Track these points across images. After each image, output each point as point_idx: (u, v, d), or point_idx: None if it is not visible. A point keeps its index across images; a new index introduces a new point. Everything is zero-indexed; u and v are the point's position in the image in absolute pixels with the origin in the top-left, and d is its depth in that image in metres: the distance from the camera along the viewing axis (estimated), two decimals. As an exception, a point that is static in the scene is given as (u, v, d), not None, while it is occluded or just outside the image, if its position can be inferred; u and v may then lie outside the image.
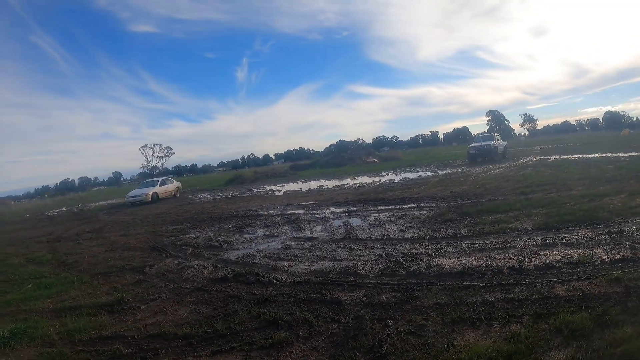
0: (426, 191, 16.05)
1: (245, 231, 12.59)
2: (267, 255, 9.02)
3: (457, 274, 6.03)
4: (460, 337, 4.15)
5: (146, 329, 5.79)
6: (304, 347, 4.53)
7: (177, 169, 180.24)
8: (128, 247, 12.65)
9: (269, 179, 45.23)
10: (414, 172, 27.91)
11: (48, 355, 5.38)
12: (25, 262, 12.46)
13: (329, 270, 7.25)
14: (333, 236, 10.09)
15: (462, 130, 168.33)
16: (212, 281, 7.68)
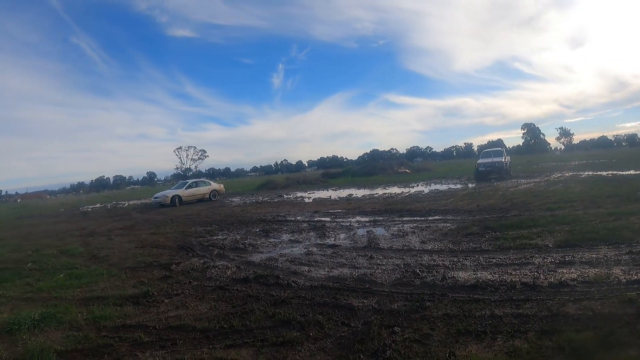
0: (453, 204, 16.04)
1: (271, 235, 12.83)
2: (289, 259, 9.24)
3: (470, 287, 6.10)
4: (463, 348, 4.25)
5: (167, 321, 6.10)
6: (312, 347, 4.74)
7: (211, 172, 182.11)
8: (157, 245, 13.04)
9: (299, 185, 45.40)
10: (444, 184, 27.73)
11: (74, 338, 5.73)
12: (58, 254, 12.99)
13: (347, 277, 7.42)
14: (355, 244, 10.22)
15: (496, 142, 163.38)
16: (234, 281, 7.94)
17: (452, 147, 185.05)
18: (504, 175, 28.86)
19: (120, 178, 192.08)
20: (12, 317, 6.79)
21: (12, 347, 5.65)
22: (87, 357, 5.19)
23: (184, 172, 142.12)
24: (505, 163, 29.64)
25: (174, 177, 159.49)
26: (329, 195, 27.36)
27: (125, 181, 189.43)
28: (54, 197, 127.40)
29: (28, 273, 10.45)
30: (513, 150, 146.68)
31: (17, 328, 6.26)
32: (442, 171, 44.66)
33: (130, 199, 52.68)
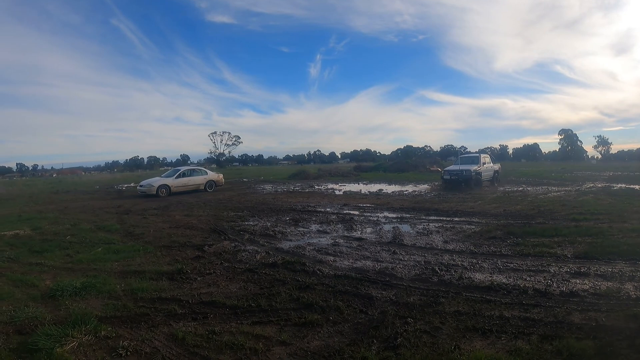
0: (480, 206, 16.10)
1: (300, 225, 13.23)
2: (316, 249, 9.62)
3: (484, 288, 6.36)
4: (468, 343, 4.55)
5: (199, 297, 6.58)
6: (331, 329, 5.14)
7: (244, 157, 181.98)
8: (190, 226, 13.57)
9: (331, 177, 45.30)
10: None
11: (113, 306, 6.26)
12: (95, 229, 13.66)
13: (369, 269, 7.77)
14: (380, 239, 10.53)
15: (532, 147, 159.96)
16: (263, 265, 8.36)
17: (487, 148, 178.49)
18: (472, 185, 26.17)
19: (154, 159, 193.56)
20: (54, 284, 7.37)
21: (55, 311, 6.17)
22: (125, 324, 5.66)
23: (218, 156, 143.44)
24: (474, 172, 26.62)
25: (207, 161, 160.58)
26: (360, 189, 27.46)
27: (159, 162, 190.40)
28: (89, 174, 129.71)
29: (67, 245, 11.06)
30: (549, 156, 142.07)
31: (59, 294, 6.82)
32: None
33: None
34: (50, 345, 4.89)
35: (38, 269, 8.81)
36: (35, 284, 7.65)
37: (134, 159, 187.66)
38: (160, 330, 5.44)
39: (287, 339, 4.97)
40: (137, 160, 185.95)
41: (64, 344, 4.96)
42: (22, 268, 8.96)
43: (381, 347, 4.52)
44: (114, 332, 5.37)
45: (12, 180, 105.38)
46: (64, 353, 4.74)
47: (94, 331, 5.32)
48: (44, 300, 6.80)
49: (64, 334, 5.16)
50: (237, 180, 45.99)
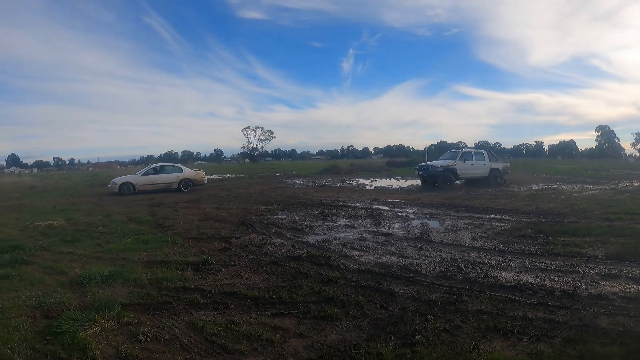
0: (512, 204, 15.84)
1: (328, 219, 13.26)
2: (342, 243, 9.62)
3: (509, 287, 6.23)
4: (488, 343, 4.46)
5: (222, 287, 6.67)
6: (350, 324, 5.13)
7: (277, 152, 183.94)
8: (219, 219, 13.76)
9: (363, 172, 45.44)
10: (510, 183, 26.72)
11: (138, 294, 6.40)
12: (127, 220, 14.00)
13: (394, 264, 7.72)
14: (408, 235, 10.47)
15: (568, 143, 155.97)
16: (287, 258, 8.41)
17: (522, 144, 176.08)
18: (440, 182, 24.89)
19: (188, 153, 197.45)
20: (83, 272, 7.59)
21: (81, 297, 6.35)
22: (148, 311, 5.77)
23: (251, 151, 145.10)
24: (442, 168, 25.28)
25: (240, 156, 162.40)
26: (391, 185, 27.38)
27: (193, 156, 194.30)
28: (124, 168, 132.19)
29: (99, 235, 11.37)
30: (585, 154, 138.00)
31: (87, 282, 7.02)
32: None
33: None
34: (73, 329, 5.03)
35: (68, 258, 9.07)
36: (65, 271, 7.87)
37: (169, 153, 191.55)
38: (181, 318, 5.53)
39: (304, 331, 4.98)
40: (171, 154, 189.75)
41: (87, 328, 5.09)
42: (53, 256, 9.23)
43: (398, 343, 4.48)
44: (136, 318, 5.49)
45: (49, 173, 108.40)
46: (86, 337, 4.87)
47: (116, 317, 5.46)
48: (71, 286, 6.99)
49: (88, 318, 5.31)
50: (270, 174, 46.50)
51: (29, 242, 10.62)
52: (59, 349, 4.66)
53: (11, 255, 9.15)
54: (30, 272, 7.86)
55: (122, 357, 4.49)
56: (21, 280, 7.37)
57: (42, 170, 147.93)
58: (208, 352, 4.57)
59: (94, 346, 4.67)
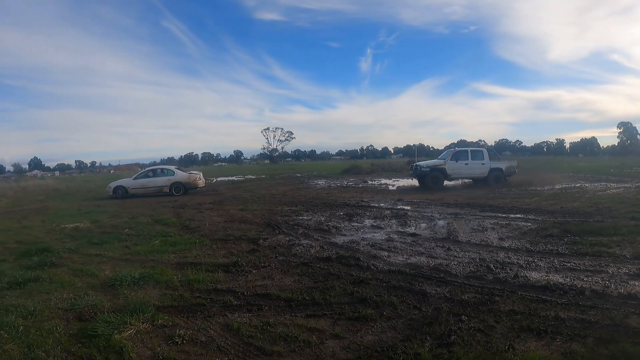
0: (537, 203, 15.73)
1: (354, 220, 13.33)
2: (370, 243, 9.68)
3: (540, 287, 6.25)
4: (522, 343, 4.50)
5: (254, 289, 6.77)
6: (384, 324, 5.20)
7: (297, 153, 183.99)
8: (245, 220, 13.89)
9: (384, 172, 45.35)
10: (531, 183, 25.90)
11: (171, 296, 6.53)
12: (152, 222, 14.23)
13: (423, 265, 7.77)
14: (435, 235, 10.50)
15: (590, 140, 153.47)
16: (317, 259, 8.48)
17: (543, 142, 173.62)
18: (427, 182, 24.76)
19: (208, 155, 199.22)
20: (113, 274, 7.75)
21: (114, 300, 6.49)
22: (182, 313, 5.89)
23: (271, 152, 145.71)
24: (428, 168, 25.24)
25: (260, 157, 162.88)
26: (413, 184, 27.14)
27: (213, 158, 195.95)
28: None
29: (126, 237, 11.58)
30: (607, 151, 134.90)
31: (118, 284, 7.16)
32: (530, 168, 42.78)
33: (217, 176, 54.61)
34: (108, 331, 5.15)
35: (97, 260, 9.26)
36: (95, 273, 8.05)
37: (189, 155, 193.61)
38: (216, 320, 5.63)
39: (340, 332, 5.05)
40: (191, 156, 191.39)
41: (122, 330, 5.21)
42: (82, 259, 9.44)
43: (434, 344, 4.54)
44: (170, 320, 5.60)
45: (71, 176, 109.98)
46: (121, 339, 4.98)
47: (151, 319, 5.58)
48: (103, 289, 7.15)
49: (123, 321, 5.42)
50: (291, 175, 46.58)
51: (57, 245, 10.90)
52: (94, 352, 4.77)
53: (40, 257, 9.38)
54: (60, 275, 8.04)
55: (159, 360, 4.61)
56: (52, 282, 7.55)
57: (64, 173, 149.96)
58: (245, 354, 4.65)
59: (130, 349, 4.78)
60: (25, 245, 11.07)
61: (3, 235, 13.14)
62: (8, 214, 20.90)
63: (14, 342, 5.06)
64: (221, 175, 57.45)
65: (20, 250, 10.54)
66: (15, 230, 14.37)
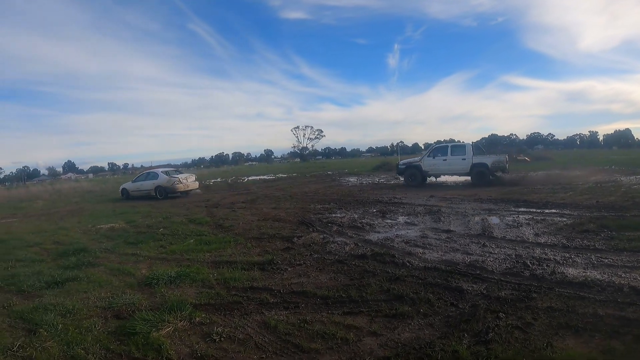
0: (572, 198, 15.48)
1: (387, 217, 13.36)
2: (405, 240, 9.69)
3: (577, 284, 6.18)
4: (561, 340, 4.48)
5: (290, 287, 6.88)
6: (421, 321, 5.24)
7: (327, 151, 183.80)
8: (279, 218, 14.01)
9: (416, 168, 44.92)
10: (564, 176, 25.62)
11: (207, 294, 6.68)
12: (186, 221, 14.51)
13: (459, 261, 7.78)
14: (469, 231, 10.46)
15: (624, 132, 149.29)
16: (352, 256, 8.54)
17: (576, 135, 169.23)
18: (407, 179, 25.32)
19: (238, 154, 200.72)
20: (150, 273, 7.99)
21: (151, 298, 6.69)
22: (219, 311, 6.05)
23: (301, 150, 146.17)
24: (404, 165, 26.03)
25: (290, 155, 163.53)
26: (445, 180, 27.00)
27: (244, 158, 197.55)
28: None
29: (161, 237, 11.88)
30: None
31: (155, 282, 7.37)
32: (563, 161, 41.58)
33: (249, 175, 55.05)
34: (147, 329, 5.32)
35: (134, 259, 9.54)
36: (132, 272, 8.30)
37: (219, 155, 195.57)
38: (253, 318, 5.75)
39: (377, 329, 5.11)
40: (222, 156, 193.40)
41: (160, 328, 5.38)
42: (118, 258, 9.74)
43: (472, 341, 4.57)
44: (208, 318, 5.75)
45: (104, 178, 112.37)
46: (159, 337, 5.14)
47: (188, 317, 5.74)
48: (140, 288, 7.37)
49: (160, 319, 5.60)
50: (322, 173, 46.50)
51: (93, 245, 11.28)
52: (133, 349, 4.93)
53: (77, 257, 9.73)
54: (98, 274, 8.33)
55: (198, 357, 4.73)
56: (89, 281, 7.83)
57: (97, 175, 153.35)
58: (283, 352, 4.75)
59: (169, 346, 4.93)
60: (63, 246, 11.49)
61: (41, 237, 13.59)
62: (44, 216, 21.59)
63: (54, 339, 5.28)
64: (252, 174, 57.73)
65: (58, 250, 10.94)
66: (52, 231, 14.83)
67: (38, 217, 21.03)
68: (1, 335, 5.62)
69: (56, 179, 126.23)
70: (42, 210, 25.45)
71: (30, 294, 7.48)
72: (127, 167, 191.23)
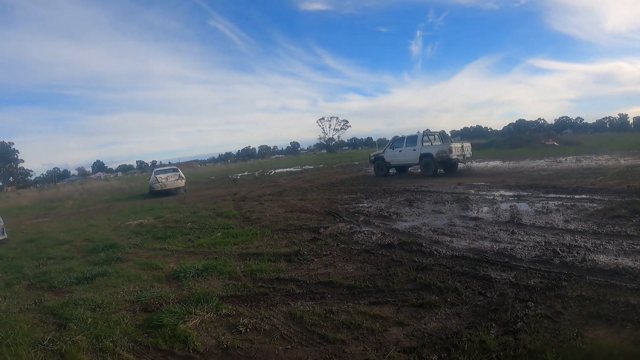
0: (602, 183, 15.12)
1: (414, 205, 13.27)
2: (432, 229, 9.62)
3: (608, 272, 6.04)
4: (591, 330, 4.38)
5: (317, 277, 6.90)
6: (449, 311, 5.21)
7: (353, 141, 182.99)
8: (305, 210, 14.08)
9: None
10: (593, 160, 25.19)
11: (234, 286, 6.75)
12: (214, 215, 14.69)
13: (487, 249, 7.68)
14: (497, 218, 10.32)
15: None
16: (379, 246, 8.53)
17: (605, 118, 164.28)
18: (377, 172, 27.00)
19: (265, 148, 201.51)
20: (178, 267, 8.09)
21: (179, 291, 6.80)
22: (245, 303, 6.11)
23: (327, 141, 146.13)
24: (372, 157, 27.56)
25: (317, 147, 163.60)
26: (472, 167, 26.85)
27: (270, 151, 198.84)
28: (204, 166, 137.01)
29: (188, 231, 12.04)
30: None
31: (182, 276, 7.48)
32: (592, 146, 40.67)
33: (276, 168, 55.48)
34: (174, 321, 5.40)
35: (162, 254, 9.67)
36: (160, 266, 8.43)
37: (246, 149, 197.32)
38: (279, 309, 5.79)
39: (404, 319, 5.09)
40: (249, 150, 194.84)
41: (186, 320, 5.45)
42: (147, 253, 9.91)
43: (500, 331, 4.52)
44: (234, 310, 5.81)
45: (133, 176, 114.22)
46: (186, 329, 5.22)
47: (215, 309, 5.80)
48: (167, 281, 7.49)
49: (187, 311, 5.69)
50: (348, 163, 46.68)
51: (122, 241, 11.47)
52: (160, 341, 5.03)
53: (107, 253, 9.94)
54: (126, 269, 8.49)
55: (224, 348, 4.78)
56: (118, 276, 7.97)
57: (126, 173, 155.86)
58: (309, 342, 4.78)
59: (195, 338, 5.01)
60: (93, 243, 11.73)
61: (71, 235, 13.94)
62: (75, 214, 22.20)
63: (83, 333, 5.42)
64: (279, 167, 58.19)
65: (88, 247, 11.20)
66: (82, 229, 15.20)
67: (68, 216, 21.59)
68: (32, 330, 5.79)
69: (86, 179, 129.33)
70: (73, 209, 26.14)
71: (61, 290, 7.69)
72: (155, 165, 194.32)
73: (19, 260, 10.45)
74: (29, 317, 6.38)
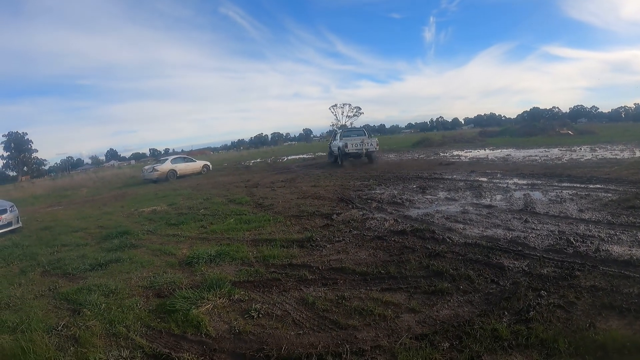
0: (617, 172, 14.87)
1: (427, 192, 13.25)
2: (445, 216, 9.61)
3: (622, 262, 5.99)
4: (604, 321, 4.37)
5: (329, 263, 6.93)
6: (461, 298, 5.22)
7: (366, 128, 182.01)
8: (318, 196, 14.12)
9: (456, 143, 44.55)
10: (608, 150, 24.78)
11: (246, 272, 6.82)
12: (226, 202, 14.82)
13: (500, 237, 7.66)
14: (511, 207, 10.27)
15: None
16: (391, 233, 8.54)
17: (621, 107, 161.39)
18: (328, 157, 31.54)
19: (277, 135, 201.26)
20: (191, 252, 8.18)
21: (192, 276, 6.90)
22: (258, 288, 6.18)
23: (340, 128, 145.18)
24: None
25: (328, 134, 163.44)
26: (486, 155, 26.76)
27: (283, 138, 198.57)
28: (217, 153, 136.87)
29: (201, 217, 12.16)
30: None
31: (195, 261, 7.58)
32: (607, 135, 40.16)
33: (288, 154, 55.75)
34: (186, 307, 5.49)
35: (175, 240, 9.78)
36: (173, 252, 8.54)
37: (259, 136, 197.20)
38: (291, 294, 5.86)
39: (416, 306, 5.13)
40: (261, 137, 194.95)
41: (199, 305, 5.54)
42: (160, 239, 10.02)
43: (512, 319, 4.53)
44: (246, 295, 5.89)
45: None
46: (199, 314, 5.30)
47: (227, 294, 5.89)
48: (181, 267, 7.60)
49: (200, 296, 5.78)
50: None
51: (136, 227, 11.66)
52: (173, 326, 5.12)
53: (120, 240, 10.10)
54: (140, 255, 8.63)
55: (236, 333, 4.85)
56: (132, 262, 8.12)
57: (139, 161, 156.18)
58: (320, 328, 4.83)
59: (207, 323, 5.09)
60: (106, 230, 11.93)
61: (85, 222, 14.21)
62: (89, 202, 22.56)
63: (97, 318, 5.54)
64: (291, 154, 58.23)
65: (102, 234, 11.38)
66: (96, 216, 15.49)
67: (82, 204, 21.93)
68: (47, 315, 5.94)
69: (99, 167, 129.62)
70: (87, 197, 26.55)
71: (75, 276, 7.84)
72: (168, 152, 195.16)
73: (33, 248, 10.66)
74: (43, 303, 6.53)
